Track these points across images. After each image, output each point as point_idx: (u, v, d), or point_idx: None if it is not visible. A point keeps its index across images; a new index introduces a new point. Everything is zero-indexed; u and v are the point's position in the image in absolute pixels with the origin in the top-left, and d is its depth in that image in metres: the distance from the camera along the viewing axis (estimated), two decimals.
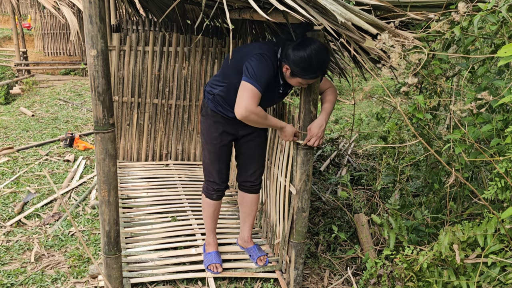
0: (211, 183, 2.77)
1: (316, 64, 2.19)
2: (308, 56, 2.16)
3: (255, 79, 2.21)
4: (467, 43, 2.20)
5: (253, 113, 2.23)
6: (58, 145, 5.27)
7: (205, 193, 2.82)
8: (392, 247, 2.45)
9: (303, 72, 2.21)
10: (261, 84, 2.22)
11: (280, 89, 2.45)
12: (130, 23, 4.84)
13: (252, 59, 2.27)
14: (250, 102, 2.20)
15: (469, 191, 2.63)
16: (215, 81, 2.60)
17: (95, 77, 2.01)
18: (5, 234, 3.34)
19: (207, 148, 2.70)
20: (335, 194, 4.23)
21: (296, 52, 2.19)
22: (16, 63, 10.04)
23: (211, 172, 2.74)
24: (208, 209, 2.85)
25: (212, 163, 2.72)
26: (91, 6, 1.91)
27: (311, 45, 2.17)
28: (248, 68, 2.25)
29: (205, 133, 2.69)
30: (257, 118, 2.26)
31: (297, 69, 2.22)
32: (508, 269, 1.85)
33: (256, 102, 2.22)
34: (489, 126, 2.05)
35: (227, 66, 2.51)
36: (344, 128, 6.73)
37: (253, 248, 2.98)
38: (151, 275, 2.72)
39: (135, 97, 4.53)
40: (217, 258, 2.84)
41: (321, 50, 2.19)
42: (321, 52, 2.19)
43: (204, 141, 2.71)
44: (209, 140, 2.67)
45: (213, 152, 2.69)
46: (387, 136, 2.91)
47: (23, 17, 15.73)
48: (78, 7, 9.29)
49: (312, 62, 2.17)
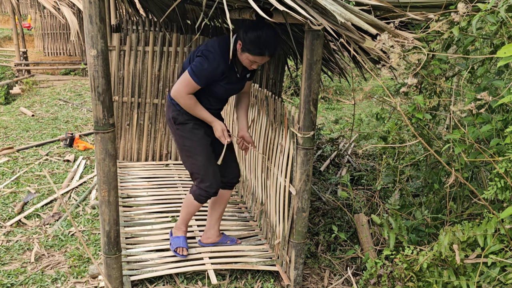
0: (208, 188, 2.72)
1: (263, 41, 2.39)
2: (258, 34, 2.38)
3: (194, 73, 2.48)
4: (466, 44, 2.20)
5: (182, 98, 2.53)
6: (58, 145, 5.27)
7: (195, 196, 2.76)
8: (392, 247, 2.45)
9: (251, 46, 2.41)
10: (198, 78, 2.49)
11: (238, 74, 2.66)
12: (130, 23, 4.85)
13: (201, 55, 2.51)
14: (181, 87, 2.52)
15: (469, 191, 2.63)
16: None
17: (95, 77, 2.02)
18: (5, 234, 3.34)
19: (196, 152, 2.68)
20: (335, 194, 4.23)
21: (249, 30, 2.41)
22: (16, 63, 10.04)
23: (207, 175, 2.70)
24: (193, 209, 2.83)
25: (206, 164, 2.69)
26: (91, 6, 1.91)
27: (264, 26, 2.40)
28: (195, 61, 2.51)
29: (188, 139, 2.68)
30: (185, 103, 2.55)
31: (246, 43, 2.41)
32: (508, 269, 1.85)
33: (188, 89, 2.52)
34: (488, 126, 2.05)
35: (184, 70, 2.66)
36: (344, 128, 6.73)
37: (225, 237, 3.13)
38: (151, 272, 2.73)
39: (135, 97, 4.54)
40: (184, 243, 2.92)
41: (271, 32, 2.41)
42: (271, 34, 2.41)
43: (190, 147, 2.69)
44: (196, 143, 2.67)
45: (205, 153, 2.70)
46: (387, 136, 2.91)
47: (23, 17, 15.74)
48: (78, 7, 9.30)
49: (261, 39, 2.38)
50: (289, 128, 2.62)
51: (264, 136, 3.17)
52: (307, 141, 2.42)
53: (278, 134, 2.87)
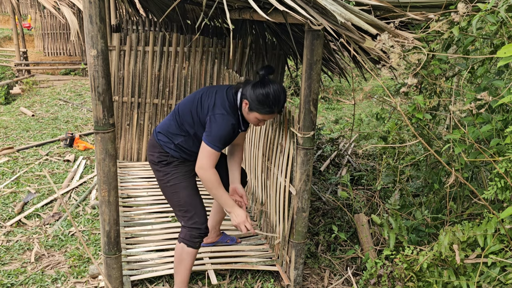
0: (196, 227, 2.46)
1: (272, 99, 2.32)
2: (266, 92, 2.31)
3: (212, 142, 2.32)
4: (466, 44, 2.20)
5: (207, 173, 2.34)
6: (58, 145, 5.27)
7: (188, 242, 2.46)
8: (392, 247, 2.45)
9: (260, 105, 2.33)
10: (219, 144, 2.34)
11: (241, 129, 2.54)
12: (130, 23, 4.85)
13: (214, 119, 2.36)
14: (205, 161, 2.34)
15: (469, 191, 2.63)
16: (171, 133, 2.50)
17: (95, 77, 2.02)
18: (5, 234, 3.34)
19: (182, 186, 2.48)
20: (335, 194, 4.23)
21: (256, 89, 2.33)
22: (16, 63, 10.04)
23: (195, 210, 2.47)
24: (188, 260, 2.50)
25: (194, 199, 2.49)
26: (91, 6, 1.91)
27: (269, 83, 2.33)
28: (208, 128, 2.36)
29: (173, 174, 2.48)
30: (209, 179, 2.35)
31: (254, 103, 2.33)
32: (508, 269, 1.85)
33: (212, 161, 2.35)
34: (488, 126, 2.05)
35: (181, 117, 2.49)
36: (344, 128, 6.73)
37: (225, 236, 3.12)
38: (151, 272, 2.73)
39: (135, 97, 4.54)
40: None
41: (279, 90, 2.35)
42: (279, 91, 2.34)
43: (175, 183, 2.47)
44: (182, 177, 2.49)
45: (191, 186, 2.51)
46: (387, 136, 2.91)
47: (23, 17, 15.74)
48: (78, 7, 9.30)
49: (269, 97, 2.31)
50: (289, 128, 2.62)
51: (264, 136, 3.17)
52: (307, 141, 2.42)
53: (278, 134, 2.87)
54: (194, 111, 2.45)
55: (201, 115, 2.43)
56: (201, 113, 2.43)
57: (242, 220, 2.43)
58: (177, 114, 2.52)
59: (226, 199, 2.43)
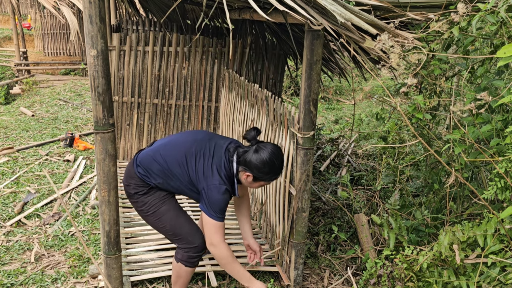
0: (191, 247, 2.38)
1: (278, 165, 2.30)
2: (269, 159, 2.26)
3: (214, 214, 2.25)
4: (466, 44, 2.20)
5: (220, 248, 2.29)
6: (58, 145, 5.27)
7: (186, 262, 2.39)
8: (392, 247, 2.45)
9: (267, 175, 2.30)
10: (221, 214, 2.27)
11: (235, 194, 2.44)
12: (130, 23, 4.85)
13: (210, 191, 2.26)
14: (214, 235, 2.27)
15: (469, 191, 2.63)
16: (153, 172, 2.36)
17: (95, 77, 2.02)
18: (5, 234, 3.34)
19: (163, 210, 2.38)
20: (335, 194, 4.23)
21: (257, 158, 2.26)
22: (16, 63, 10.04)
23: (183, 231, 2.38)
24: (187, 277, 2.45)
25: (178, 220, 2.39)
26: (91, 6, 1.91)
27: (268, 149, 2.28)
28: (206, 200, 2.26)
29: (151, 202, 2.38)
30: (223, 255, 2.30)
31: (261, 174, 2.29)
32: (508, 269, 1.85)
33: (221, 233, 2.28)
34: (488, 126, 2.05)
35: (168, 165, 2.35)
36: (344, 128, 6.73)
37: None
38: (151, 273, 2.73)
39: (135, 97, 4.54)
40: None
41: (279, 151, 2.32)
42: (279, 153, 2.32)
43: (155, 210, 2.38)
44: (160, 202, 2.39)
45: (172, 208, 2.41)
46: (387, 136, 2.91)
47: (23, 17, 15.74)
48: (78, 7, 9.30)
49: (274, 164, 2.28)
50: (289, 128, 2.62)
51: (264, 136, 3.17)
52: (307, 141, 2.42)
53: (278, 134, 2.87)
54: (184, 167, 2.33)
55: (192, 175, 2.32)
56: (193, 173, 2.31)
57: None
58: (160, 157, 2.36)
59: (242, 274, 2.37)
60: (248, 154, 2.29)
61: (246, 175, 2.31)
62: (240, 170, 2.33)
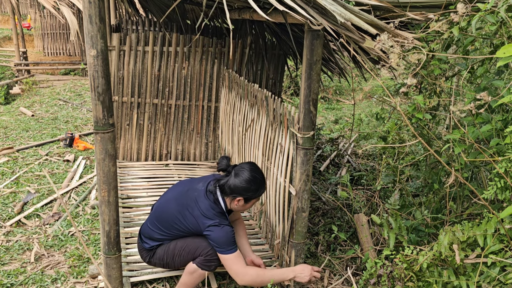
0: (210, 252, 2.45)
1: (261, 178, 2.44)
2: (252, 176, 2.40)
3: (227, 248, 2.37)
4: (466, 44, 2.20)
5: (246, 276, 2.37)
6: (58, 145, 5.27)
7: (202, 266, 2.46)
8: (392, 247, 2.45)
9: (257, 192, 2.43)
10: (232, 246, 2.38)
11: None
12: (130, 23, 4.85)
13: (212, 232, 2.39)
14: (236, 267, 2.38)
15: (469, 191, 2.63)
16: (157, 238, 2.55)
17: (95, 77, 2.02)
18: (5, 234, 3.34)
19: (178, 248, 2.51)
20: (335, 194, 4.23)
21: (241, 181, 2.39)
22: (16, 63, 10.04)
23: (198, 245, 2.47)
24: (198, 279, 2.52)
25: (189, 244, 2.49)
26: (91, 6, 1.91)
27: (246, 168, 2.42)
28: (213, 242, 2.39)
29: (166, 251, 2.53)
30: (252, 280, 2.37)
31: (250, 192, 2.41)
32: (508, 269, 1.85)
33: (241, 263, 2.39)
34: (488, 126, 2.05)
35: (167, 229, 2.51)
36: (344, 128, 6.73)
37: None
38: (151, 273, 2.73)
39: (135, 97, 4.54)
40: None
41: (255, 166, 2.46)
42: (257, 167, 2.46)
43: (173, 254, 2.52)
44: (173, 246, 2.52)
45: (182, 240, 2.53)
46: (387, 136, 2.91)
47: (23, 17, 15.74)
48: (78, 7, 9.30)
49: (257, 179, 2.42)
50: (289, 128, 2.62)
51: (264, 136, 3.17)
52: (307, 141, 2.42)
53: (278, 134, 2.87)
54: (180, 225, 2.47)
55: (190, 226, 2.45)
56: (189, 224, 2.45)
57: (309, 273, 2.42)
58: (156, 225, 2.53)
59: (279, 275, 2.44)
60: (229, 181, 2.41)
61: (236, 201, 2.43)
62: (229, 200, 2.45)
